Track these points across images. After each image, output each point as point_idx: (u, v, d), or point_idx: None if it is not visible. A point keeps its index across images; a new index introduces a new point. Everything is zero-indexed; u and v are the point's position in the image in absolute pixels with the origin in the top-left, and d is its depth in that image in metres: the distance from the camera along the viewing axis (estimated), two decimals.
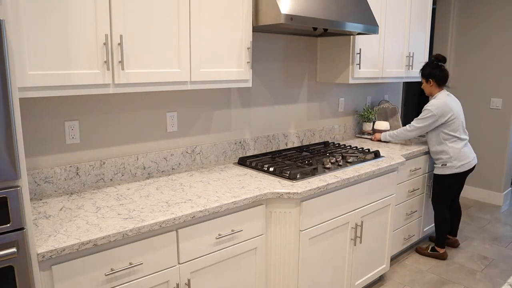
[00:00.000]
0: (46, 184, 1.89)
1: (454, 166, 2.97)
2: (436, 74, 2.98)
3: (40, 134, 1.86)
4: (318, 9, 2.23)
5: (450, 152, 2.96)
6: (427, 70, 3.02)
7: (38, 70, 1.49)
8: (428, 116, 2.92)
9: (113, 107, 2.07)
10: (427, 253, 3.24)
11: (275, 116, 2.87)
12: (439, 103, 2.91)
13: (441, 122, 2.92)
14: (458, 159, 2.96)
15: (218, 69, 2.05)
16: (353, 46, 2.83)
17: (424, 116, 2.94)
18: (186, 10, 1.87)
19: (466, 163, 2.98)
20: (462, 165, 2.97)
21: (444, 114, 2.90)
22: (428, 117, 2.92)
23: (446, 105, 2.90)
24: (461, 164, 2.96)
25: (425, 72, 3.04)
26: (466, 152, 2.98)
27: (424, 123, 2.94)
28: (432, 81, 3.01)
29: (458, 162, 2.96)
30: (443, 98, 2.94)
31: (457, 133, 2.95)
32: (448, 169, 2.99)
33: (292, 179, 2.14)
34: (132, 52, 1.72)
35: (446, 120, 2.91)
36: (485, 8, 4.32)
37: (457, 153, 2.96)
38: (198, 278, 1.79)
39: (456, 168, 2.97)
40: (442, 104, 2.90)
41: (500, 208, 4.37)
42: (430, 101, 2.98)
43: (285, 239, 2.05)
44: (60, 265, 1.38)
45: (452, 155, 2.95)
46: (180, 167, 2.37)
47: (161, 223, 1.59)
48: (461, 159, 2.96)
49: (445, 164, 2.98)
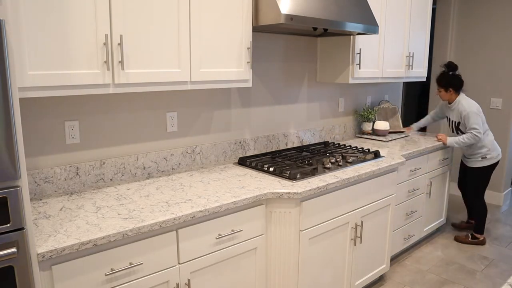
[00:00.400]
0: (46, 184, 1.89)
1: (492, 157, 3.26)
2: (454, 83, 3.22)
3: (40, 134, 1.86)
4: (318, 9, 2.23)
5: (488, 145, 3.24)
6: (445, 81, 3.24)
7: (38, 70, 1.49)
8: (476, 115, 3.15)
9: (113, 107, 2.07)
10: (468, 241, 3.46)
11: (275, 116, 2.87)
12: (471, 103, 3.18)
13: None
14: (495, 150, 3.27)
15: (218, 69, 2.05)
16: (353, 46, 2.83)
17: (474, 118, 3.15)
18: (186, 10, 1.87)
19: (499, 154, 3.30)
20: (498, 155, 3.28)
21: (480, 111, 3.18)
22: (477, 116, 3.15)
23: (476, 104, 3.19)
24: (497, 154, 3.28)
25: (444, 83, 3.25)
26: (496, 144, 3.31)
27: (479, 122, 3.16)
28: (451, 90, 3.24)
29: (495, 152, 3.26)
30: (468, 99, 3.22)
31: (486, 126, 3.28)
32: (488, 161, 3.26)
33: (292, 179, 2.14)
34: (132, 52, 1.72)
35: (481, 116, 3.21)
36: (485, 8, 4.32)
37: (492, 144, 3.27)
38: (198, 278, 1.79)
39: (494, 159, 3.27)
40: (473, 103, 3.19)
41: (500, 208, 4.37)
42: (462, 105, 3.20)
43: (285, 239, 2.05)
44: (60, 265, 1.38)
45: (490, 147, 3.24)
46: (180, 167, 2.37)
47: (161, 223, 1.59)
48: (497, 150, 3.28)
49: (485, 156, 3.25)
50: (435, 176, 3.36)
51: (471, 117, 3.14)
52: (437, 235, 3.66)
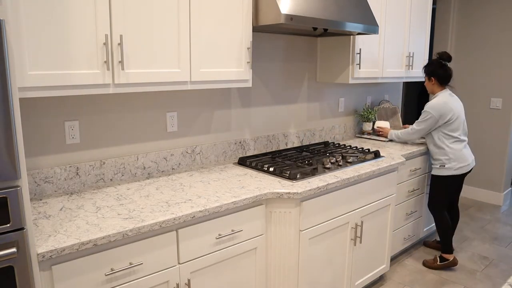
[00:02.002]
0: (46, 184, 1.89)
1: (452, 167, 2.88)
2: (438, 72, 2.93)
3: (40, 134, 1.86)
4: (318, 9, 2.23)
5: (449, 153, 2.88)
6: (430, 68, 2.97)
7: (38, 70, 1.49)
8: (428, 118, 2.89)
9: (113, 107, 2.07)
10: (437, 265, 3.04)
11: (275, 116, 2.87)
12: (439, 103, 2.87)
13: (442, 123, 2.87)
14: (457, 160, 2.88)
15: (218, 69, 2.05)
16: (353, 46, 2.83)
17: (424, 118, 2.91)
18: (186, 10, 1.87)
19: (465, 166, 2.90)
20: (461, 167, 2.89)
21: (444, 114, 2.85)
22: (428, 119, 2.89)
23: (446, 105, 2.85)
24: (460, 166, 2.88)
25: (428, 70, 2.99)
26: (465, 154, 2.91)
27: (424, 125, 2.92)
28: (434, 79, 2.96)
29: (457, 163, 2.88)
30: (444, 98, 2.89)
31: (456, 133, 2.89)
32: (446, 170, 2.90)
33: (292, 179, 2.14)
34: (132, 52, 1.72)
35: (446, 121, 2.86)
36: (485, 8, 4.32)
37: (456, 154, 2.88)
38: (198, 278, 1.78)
39: (455, 170, 2.89)
40: (442, 104, 2.85)
41: (500, 208, 4.37)
42: (430, 101, 2.93)
43: (285, 239, 2.05)
44: (60, 265, 1.38)
45: (451, 156, 2.88)
46: (180, 167, 2.37)
47: (161, 223, 1.59)
48: (460, 160, 2.88)
49: (444, 165, 2.90)
50: None
51: (422, 114, 2.92)
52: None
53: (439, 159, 2.93)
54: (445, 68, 2.92)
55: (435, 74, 2.94)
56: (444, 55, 2.95)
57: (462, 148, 2.90)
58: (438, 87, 2.97)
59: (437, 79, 2.95)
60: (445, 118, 2.86)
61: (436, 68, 2.94)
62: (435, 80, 2.96)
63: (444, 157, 2.90)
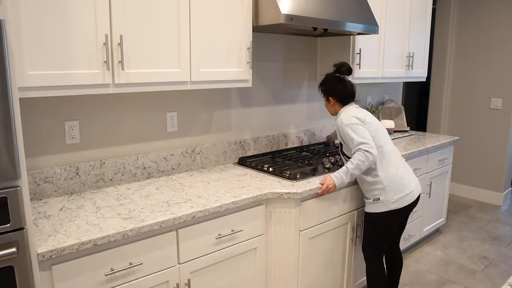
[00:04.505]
0: (46, 184, 1.89)
1: (389, 200, 2.12)
2: (337, 89, 2.21)
3: (40, 134, 1.86)
4: (318, 9, 2.23)
5: (384, 181, 2.12)
6: (326, 86, 2.25)
7: (38, 70, 1.49)
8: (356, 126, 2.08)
9: (113, 107, 2.07)
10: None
11: (275, 116, 2.87)
12: (351, 113, 2.14)
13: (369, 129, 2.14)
14: (395, 190, 2.12)
15: (218, 69, 2.05)
16: (353, 46, 2.83)
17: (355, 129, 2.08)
18: (186, 10, 1.87)
19: (406, 195, 2.15)
20: (401, 197, 2.13)
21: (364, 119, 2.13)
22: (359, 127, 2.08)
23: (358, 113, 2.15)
24: (400, 196, 2.13)
25: (325, 88, 2.26)
26: (402, 178, 2.15)
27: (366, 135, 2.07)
28: (332, 99, 2.23)
29: (396, 194, 2.12)
30: (352, 110, 2.18)
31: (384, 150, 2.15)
32: (382, 206, 2.13)
33: (292, 179, 2.14)
34: (132, 52, 1.72)
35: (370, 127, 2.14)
36: (485, 8, 4.32)
37: (391, 180, 2.12)
38: (198, 278, 1.79)
39: (394, 203, 2.12)
40: (355, 112, 2.15)
41: (500, 208, 4.37)
42: (340, 118, 2.16)
43: (285, 239, 2.05)
44: (60, 265, 1.38)
45: (386, 185, 2.11)
46: (180, 167, 2.37)
47: (161, 223, 1.59)
48: (399, 189, 2.13)
49: (378, 198, 2.14)
50: (435, 176, 3.36)
51: (349, 129, 2.08)
52: (437, 235, 3.66)
53: (370, 190, 2.16)
54: (345, 84, 2.21)
55: (333, 93, 2.22)
56: (341, 68, 2.22)
57: (396, 173, 2.14)
58: (339, 105, 2.24)
59: (336, 99, 2.22)
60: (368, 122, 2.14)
61: (333, 85, 2.22)
62: (334, 100, 2.23)
63: (377, 187, 2.13)
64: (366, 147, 2.02)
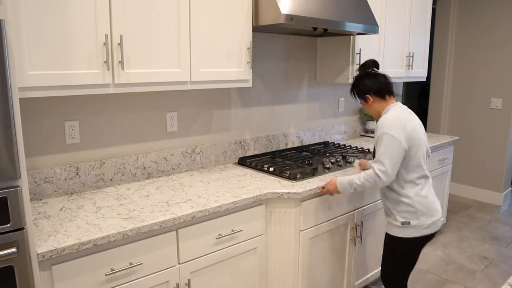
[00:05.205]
0: (46, 184, 1.89)
1: (421, 225, 1.88)
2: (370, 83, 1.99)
3: (40, 134, 1.86)
4: (318, 9, 2.23)
5: (416, 203, 1.88)
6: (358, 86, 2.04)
7: (38, 70, 1.49)
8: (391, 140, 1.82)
9: (113, 107, 2.07)
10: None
11: (275, 116, 2.87)
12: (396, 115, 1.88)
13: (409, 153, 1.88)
14: (429, 214, 1.89)
15: (218, 69, 2.05)
16: (353, 46, 2.83)
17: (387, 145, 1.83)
18: (186, 10, 1.87)
19: (438, 219, 1.93)
20: (433, 222, 1.90)
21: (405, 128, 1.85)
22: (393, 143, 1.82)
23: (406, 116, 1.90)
24: (432, 221, 1.90)
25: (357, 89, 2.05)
26: (434, 202, 1.93)
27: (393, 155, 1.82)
28: (370, 96, 2.00)
29: (429, 218, 1.89)
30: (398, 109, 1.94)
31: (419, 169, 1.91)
32: (413, 230, 1.89)
33: (292, 179, 2.14)
34: (132, 52, 1.72)
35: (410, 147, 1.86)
36: (485, 8, 4.32)
37: (425, 203, 1.89)
38: (198, 278, 1.79)
39: (425, 229, 1.89)
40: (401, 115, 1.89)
41: (500, 208, 4.37)
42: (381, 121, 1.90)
43: (285, 239, 2.05)
44: (60, 265, 1.38)
45: (420, 208, 1.88)
46: (180, 167, 2.37)
47: (161, 223, 1.59)
48: (431, 213, 1.90)
49: (409, 222, 1.89)
50: (435, 176, 3.36)
51: (383, 140, 1.83)
52: (437, 235, 3.66)
53: (400, 212, 1.92)
54: (375, 74, 2.01)
55: (367, 88, 2.00)
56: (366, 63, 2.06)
57: (428, 194, 1.92)
58: (378, 101, 2.00)
59: (373, 93, 1.99)
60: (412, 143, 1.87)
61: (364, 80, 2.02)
62: (371, 96, 1.99)
63: (408, 210, 1.89)
64: (380, 170, 1.81)
